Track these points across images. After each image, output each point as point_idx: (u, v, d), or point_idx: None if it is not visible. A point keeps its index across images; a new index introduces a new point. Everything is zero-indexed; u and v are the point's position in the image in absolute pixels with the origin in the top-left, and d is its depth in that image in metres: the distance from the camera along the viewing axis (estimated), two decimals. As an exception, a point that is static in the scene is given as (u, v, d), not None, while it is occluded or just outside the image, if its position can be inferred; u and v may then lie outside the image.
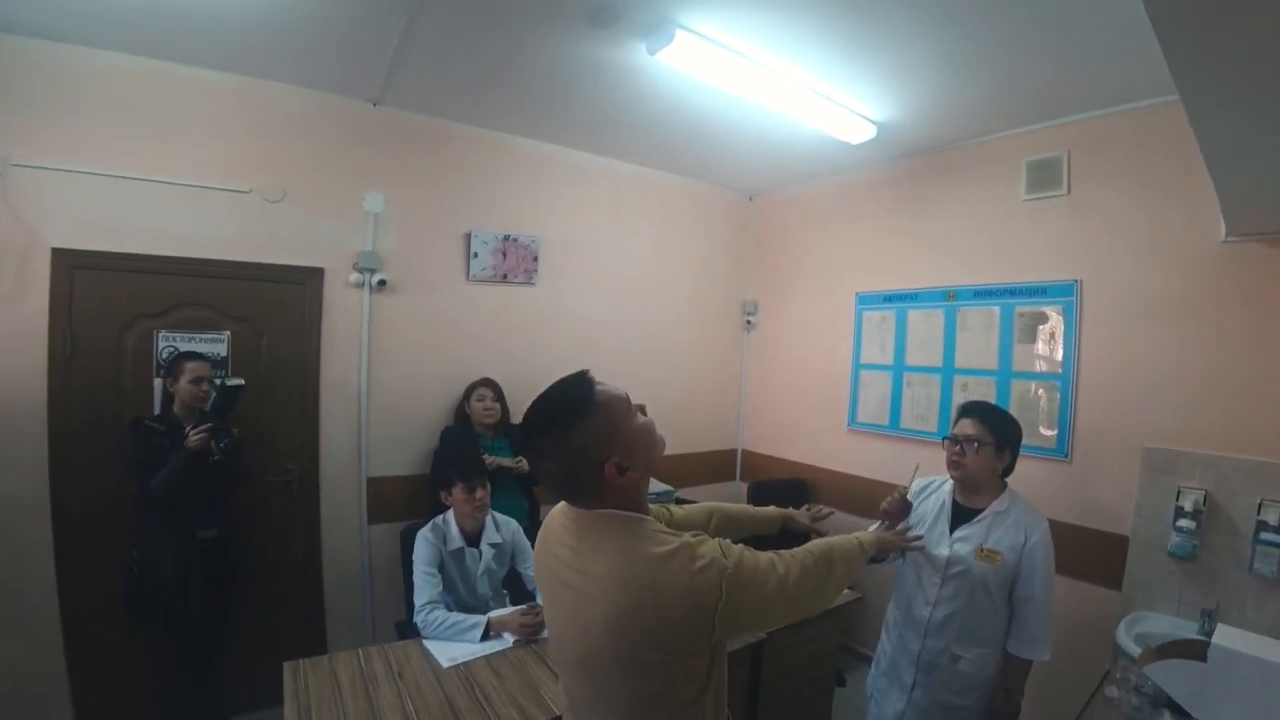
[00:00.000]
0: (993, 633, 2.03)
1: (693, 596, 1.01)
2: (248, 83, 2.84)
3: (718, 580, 1.01)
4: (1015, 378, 2.97)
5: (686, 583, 1.01)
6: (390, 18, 2.35)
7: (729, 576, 1.02)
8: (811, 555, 1.24)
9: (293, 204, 2.97)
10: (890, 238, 3.62)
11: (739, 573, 1.04)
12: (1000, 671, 2.03)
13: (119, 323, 2.67)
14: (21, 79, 2.48)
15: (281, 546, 3.00)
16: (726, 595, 1.01)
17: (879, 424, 3.58)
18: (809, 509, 1.91)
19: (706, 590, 1.01)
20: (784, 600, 1.13)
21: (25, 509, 2.52)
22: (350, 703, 1.76)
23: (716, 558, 1.04)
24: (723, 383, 4.54)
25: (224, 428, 2.41)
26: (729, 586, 1.02)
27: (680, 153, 3.76)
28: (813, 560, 1.22)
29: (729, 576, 1.02)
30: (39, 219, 2.52)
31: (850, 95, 2.82)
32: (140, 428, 2.42)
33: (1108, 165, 2.73)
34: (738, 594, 1.03)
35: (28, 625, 2.54)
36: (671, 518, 1.52)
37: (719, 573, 1.02)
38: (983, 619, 2.02)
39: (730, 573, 1.03)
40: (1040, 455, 2.84)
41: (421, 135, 3.28)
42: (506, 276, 3.53)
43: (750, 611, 1.09)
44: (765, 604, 1.10)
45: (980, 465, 2.03)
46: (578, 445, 1.06)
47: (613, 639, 1.04)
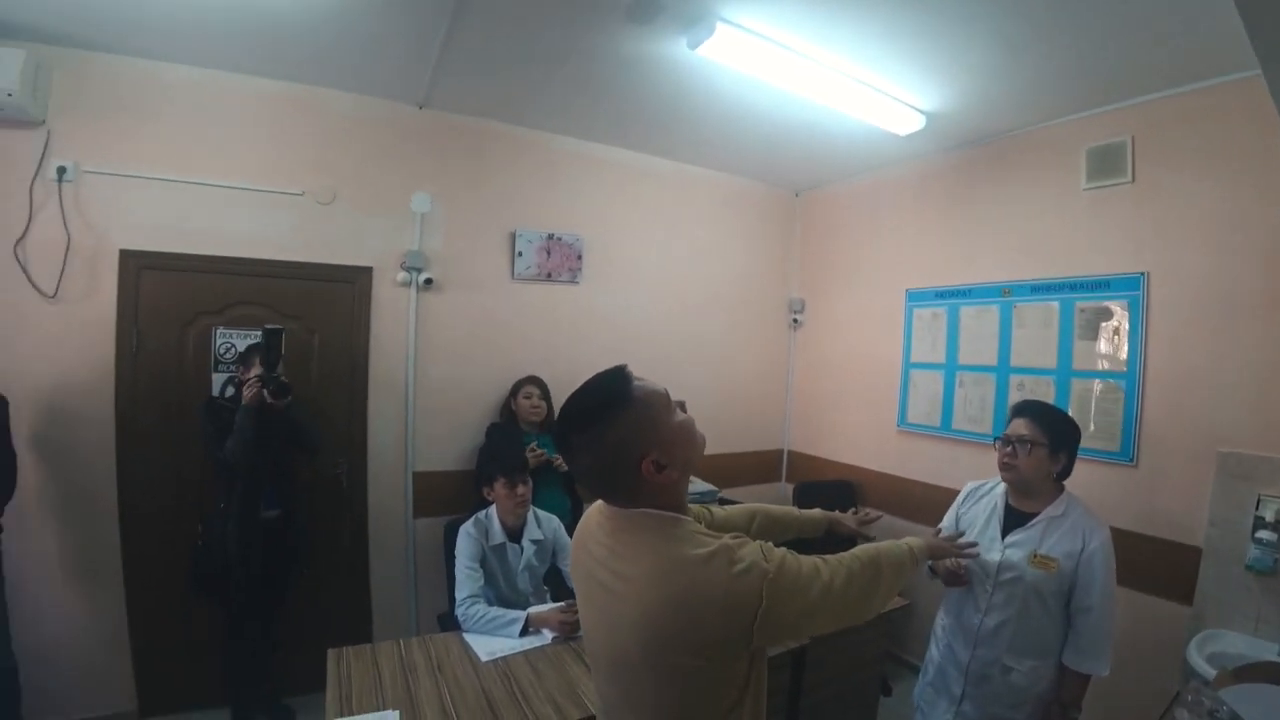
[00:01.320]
0: (1047, 644, 1.93)
1: (731, 601, 0.97)
2: (301, 90, 2.95)
3: (758, 585, 0.97)
4: (1076, 377, 2.82)
5: (724, 587, 0.97)
6: (433, 23, 2.41)
7: (770, 581, 0.97)
8: (858, 561, 1.18)
9: (343, 205, 3.07)
10: (941, 232, 3.49)
11: (780, 578, 0.99)
12: (1056, 686, 1.93)
13: (181, 320, 2.81)
14: (94, 91, 2.65)
15: (331, 536, 3.09)
16: (767, 601, 0.96)
17: (930, 425, 3.46)
18: (855, 512, 1.87)
19: (746, 595, 0.97)
20: (828, 608, 1.07)
21: (94, 489, 2.69)
22: (390, 692, 1.80)
23: (757, 561, 0.99)
24: (768, 382, 4.47)
25: (272, 376, 2.48)
26: (770, 592, 0.97)
27: (723, 149, 3.72)
28: (859, 566, 1.17)
29: (770, 581, 0.97)
30: (108, 222, 2.68)
31: (897, 85, 2.73)
32: (212, 404, 2.60)
33: (1175, 150, 2.55)
34: (779, 600, 0.98)
35: (95, 598, 2.71)
36: (713, 519, 1.50)
37: (759, 577, 0.97)
38: (1036, 629, 1.92)
39: (771, 577, 0.98)
40: (1103, 459, 2.68)
41: (466, 136, 3.34)
42: (551, 275, 3.56)
43: (792, 619, 1.03)
44: (808, 611, 1.04)
45: (1033, 468, 1.93)
46: (614, 441, 1.04)
47: (644, 642, 1.01)
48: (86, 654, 2.69)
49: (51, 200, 2.59)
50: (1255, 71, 1.38)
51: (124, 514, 2.73)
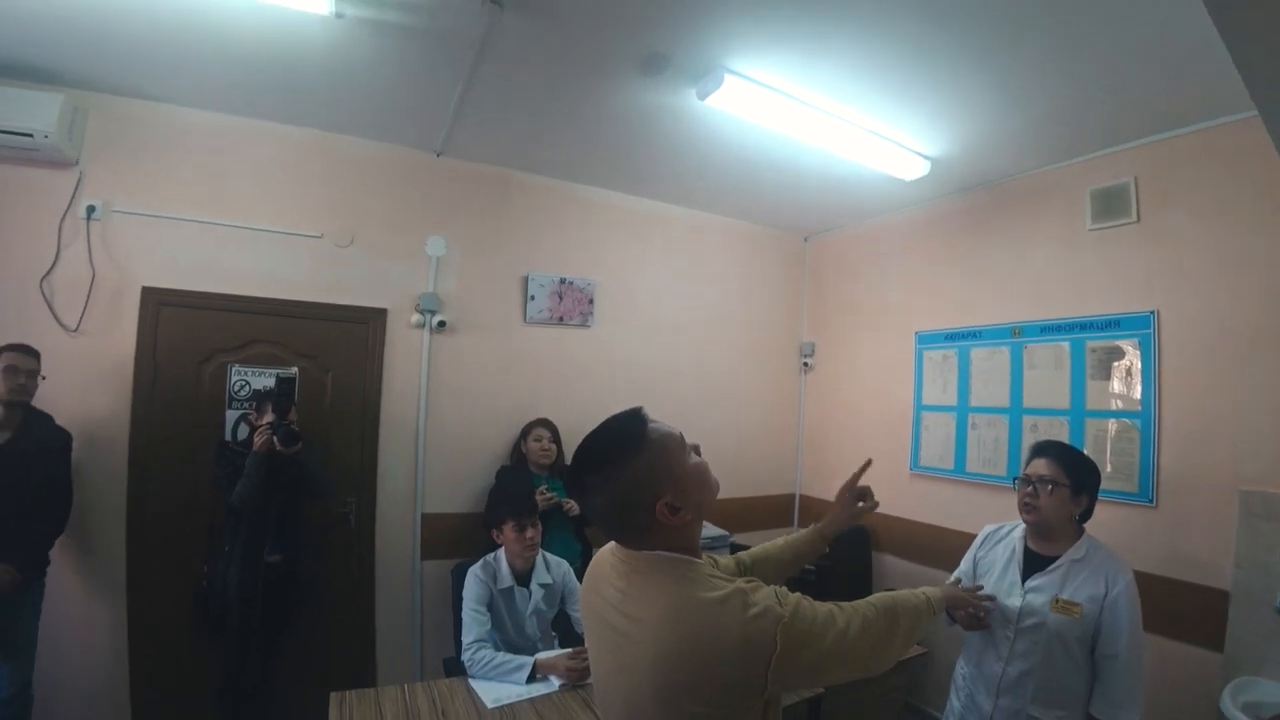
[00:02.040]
0: (1074, 694, 1.84)
1: (745, 647, 0.94)
2: (322, 136, 3.07)
3: (772, 629, 0.94)
4: (1090, 417, 2.79)
5: (738, 631, 0.94)
6: (451, 77, 2.52)
7: (784, 626, 0.95)
8: (874, 608, 1.15)
9: (360, 248, 3.15)
10: (949, 274, 3.52)
11: (795, 622, 0.97)
12: (1084, 738, 1.85)
13: (198, 356, 2.86)
14: (126, 134, 2.77)
15: (337, 577, 3.05)
16: (781, 646, 0.94)
17: (944, 468, 3.41)
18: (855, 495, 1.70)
19: (760, 640, 0.94)
20: (843, 655, 1.04)
21: (104, 521, 2.70)
22: None
23: (771, 605, 0.97)
24: (780, 426, 4.45)
25: (281, 424, 2.50)
26: (784, 637, 0.94)
27: (733, 195, 3.81)
28: (875, 614, 1.13)
29: (784, 626, 0.95)
30: (132, 259, 2.76)
31: (901, 131, 2.81)
32: (224, 448, 2.61)
33: (1180, 190, 2.60)
34: (794, 645, 0.95)
35: (98, 629, 2.68)
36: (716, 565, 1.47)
37: (774, 622, 0.95)
38: (1062, 678, 1.84)
39: (786, 621, 0.95)
40: (1122, 500, 2.64)
41: (482, 183, 3.44)
42: (563, 319, 3.60)
43: (806, 666, 1.00)
44: (823, 658, 1.01)
45: (1055, 509, 1.89)
46: (628, 483, 1.03)
47: (656, 687, 0.98)
48: (88, 685, 2.65)
49: (79, 238, 2.68)
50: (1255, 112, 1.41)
51: (130, 547, 2.72)
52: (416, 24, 2.21)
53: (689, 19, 2.11)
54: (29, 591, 2.36)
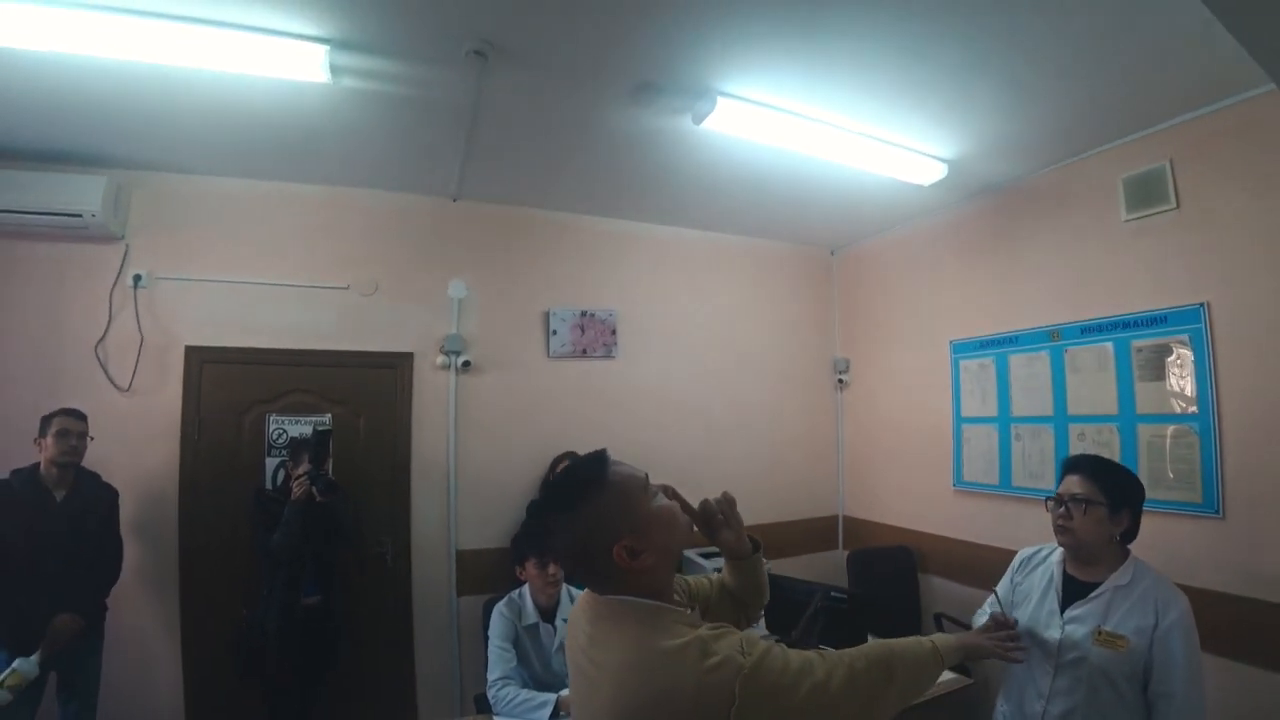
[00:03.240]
0: (1125, 736, 1.69)
1: (700, 699, 0.90)
2: (343, 192, 3.23)
3: (731, 681, 0.89)
4: (1142, 422, 2.58)
5: (695, 683, 0.90)
6: (453, 126, 2.61)
7: (745, 677, 0.90)
8: (865, 659, 1.07)
9: (384, 295, 3.28)
10: (981, 279, 3.36)
11: (759, 674, 0.91)
12: (1140, 785, 1.67)
13: (238, 408, 3.03)
14: (162, 207, 2.99)
15: (376, 615, 3.13)
16: (741, 700, 0.89)
17: (988, 483, 3.22)
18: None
19: (717, 693, 0.89)
20: (820, 710, 0.97)
21: (160, 567, 2.87)
22: None
23: (732, 655, 0.92)
24: (818, 446, 4.33)
25: (318, 474, 2.61)
26: (744, 690, 0.89)
27: (750, 215, 3.77)
28: (865, 665, 1.06)
29: (745, 677, 0.90)
30: (175, 322, 2.97)
31: (912, 137, 2.71)
32: (261, 497, 2.74)
33: (1221, 169, 2.38)
34: (756, 700, 0.90)
35: (156, 672, 2.84)
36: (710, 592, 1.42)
37: (734, 673, 0.90)
38: (1109, 718, 1.69)
39: (747, 673, 0.90)
40: (1185, 512, 2.41)
41: (498, 223, 3.53)
42: (586, 351, 3.63)
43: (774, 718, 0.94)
44: (794, 713, 0.94)
45: (1091, 530, 1.73)
46: (586, 526, 1.02)
47: None
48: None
49: (128, 305, 2.90)
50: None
51: (184, 592, 2.88)
52: (410, 84, 2.31)
53: (670, 48, 2.12)
54: (90, 637, 2.53)
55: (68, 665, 2.47)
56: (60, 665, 2.45)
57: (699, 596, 1.37)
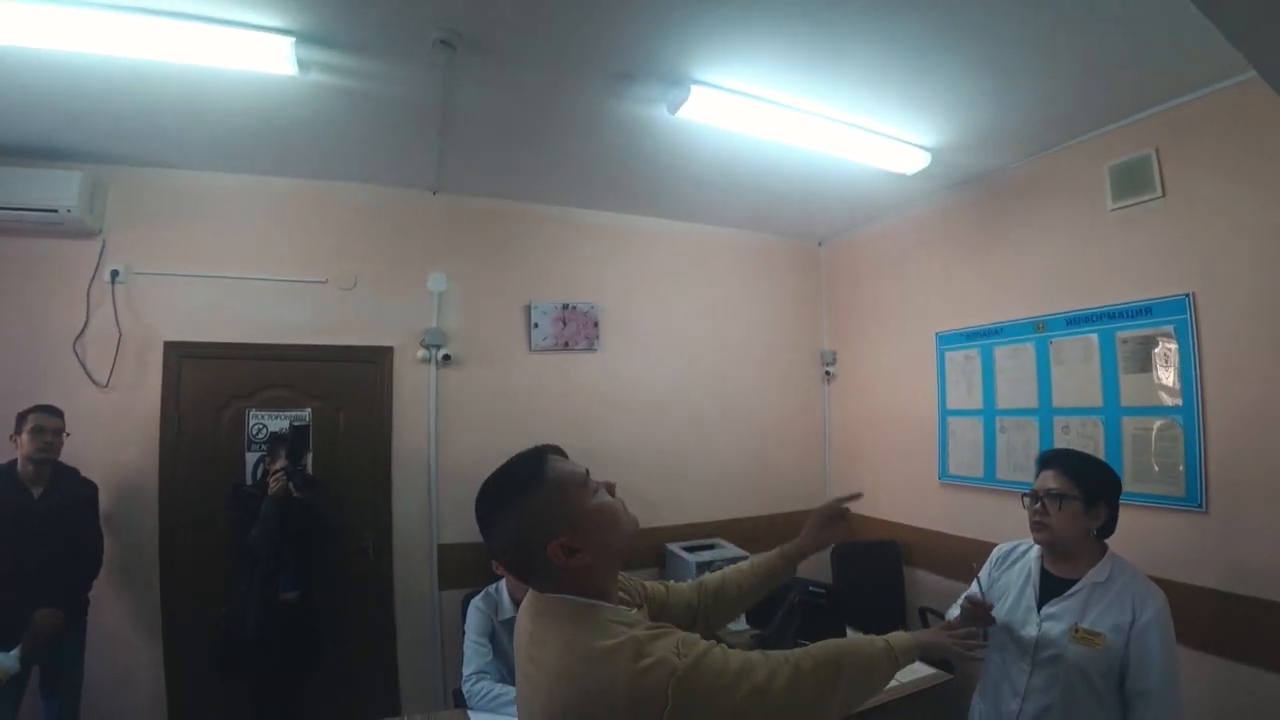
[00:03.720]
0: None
1: (632, 703, 0.87)
2: (321, 186, 3.20)
3: (664, 684, 0.87)
4: (1126, 414, 2.53)
5: (626, 686, 0.88)
6: (427, 117, 2.57)
7: (678, 680, 0.87)
8: (812, 659, 1.05)
9: (364, 289, 3.25)
10: (966, 270, 3.31)
11: (694, 676, 0.89)
12: (1116, 786, 1.65)
13: (217, 403, 3.01)
14: (142, 201, 2.97)
15: (358, 610, 3.13)
16: (674, 703, 0.86)
17: (973, 476, 3.18)
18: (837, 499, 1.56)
19: (649, 695, 0.87)
20: (760, 713, 0.94)
21: (140, 563, 2.86)
22: None
23: (666, 657, 0.89)
24: (805, 438, 4.29)
25: (295, 469, 2.61)
26: (678, 692, 0.87)
27: (734, 206, 3.72)
28: (811, 665, 1.03)
29: (678, 680, 0.87)
30: (154, 317, 2.95)
31: (893, 125, 2.66)
32: (239, 492, 2.72)
33: (1207, 157, 2.32)
34: (690, 702, 0.87)
35: (137, 667, 2.84)
36: (667, 595, 1.40)
37: (666, 675, 0.87)
38: (1085, 716, 1.64)
39: (680, 676, 0.88)
40: (1167, 506, 2.37)
41: (478, 216, 3.49)
42: (568, 344, 3.59)
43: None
44: (732, 714, 0.92)
45: (1067, 525, 1.70)
46: (521, 523, 0.99)
47: None
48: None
49: (106, 300, 2.88)
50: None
51: (164, 589, 2.88)
52: (379, 77, 2.28)
53: (641, 35, 2.08)
54: (72, 632, 2.53)
55: (50, 660, 2.48)
56: (42, 660, 2.46)
57: (654, 600, 1.35)
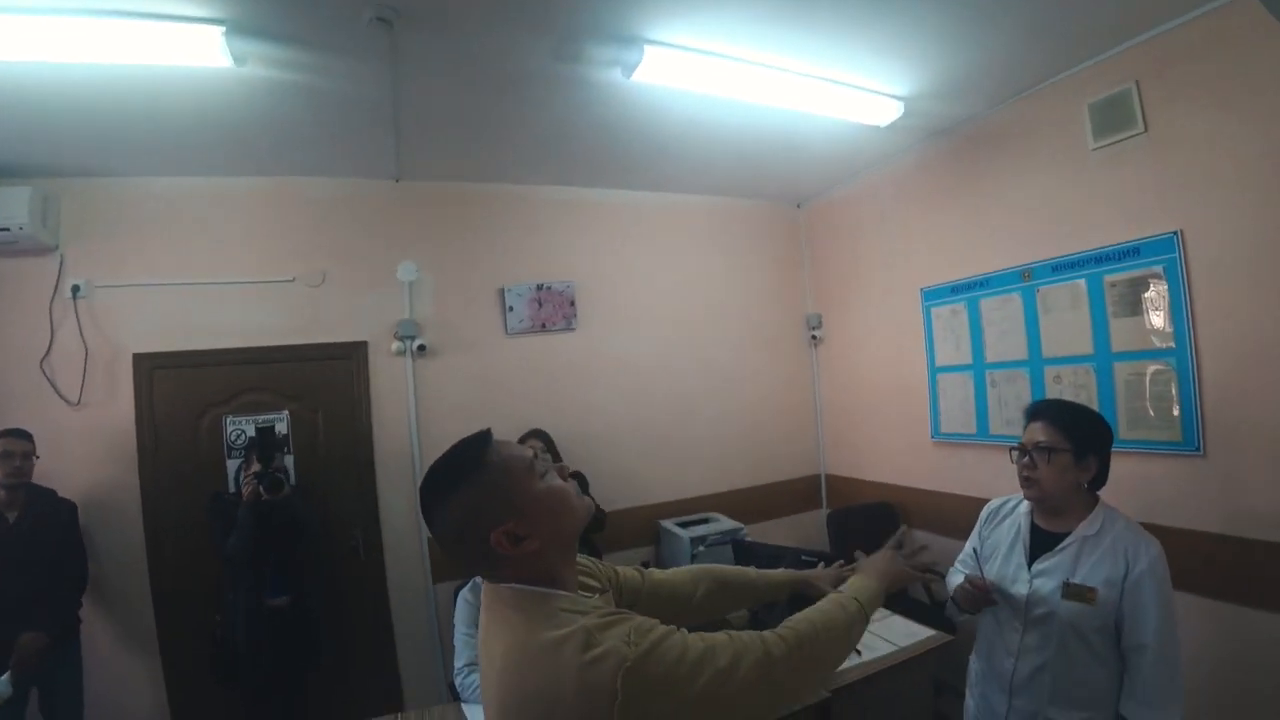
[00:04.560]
0: (1098, 692, 1.60)
1: (580, 696, 0.82)
2: (279, 182, 3.11)
3: (611, 676, 0.81)
4: (1118, 360, 2.45)
5: (573, 679, 0.83)
6: (376, 103, 2.48)
7: (627, 671, 0.82)
8: (784, 643, 0.99)
9: (332, 285, 3.18)
10: (948, 222, 3.20)
11: (646, 665, 0.83)
12: (1116, 742, 1.60)
13: (193, 412, 2.97)
14: (98, 213, 2.89)
15: (353, 609, 3.11)
16: (624, 695, 0.81)
17: (965, 433, 3.12)
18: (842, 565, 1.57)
19: (596, 689, 0.82)
20: (726, 698, 0.89)
21: (130, 578, 2.84)
22: None
23: (616, 647, 0.84)
24: (796, 405, 4.22)
25: (266, 472, 2.57)
26: (627, 684, 0.81)
27: (706, 172, 3.61)
28: (784, 649, 0.98)
29: (627, 671, 0.82)
30: (119, 330, 2.89)
31: (862, 75, 2.54)
32: (219, 499, 2.69)
33: (1190, 87, 2.20)
34: (642, 694, 0.82)
35: (138, 680, 2.84)
36: (643, 582, 1.34)
37: (615, 666, 0.82)
38: (1082, 674, 1.61)
39: (629, 666, 0.82)
40: (1164, 451, 2.30)
41: (444, 201, 3.40)
42: (545, 325, 3.52)
43: (668, 713, 0.86)
44: (692, 704, 0.86)
45: (1057, 479, 1.64)
46: (461, 511, 0.94)
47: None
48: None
49: (69, 317, 2.82)
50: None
51: (157, 601, 2.86)
52: (319, 64, 2.19)
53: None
54: (65, 653, 2.53)
55: (46, 681, 2.48)
56: (39, 682, 2.46)
57: (626, 587, 1.30)
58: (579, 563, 1.11)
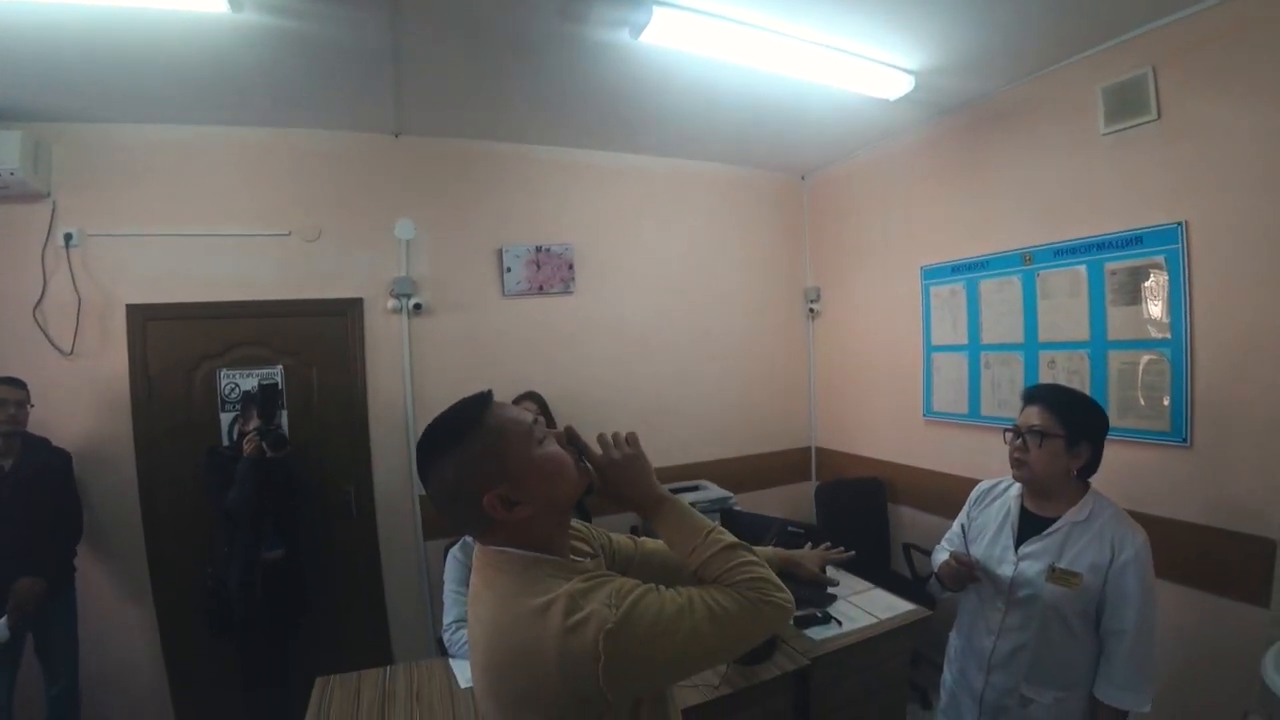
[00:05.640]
0: (1073, 672, 1.66)
1: (563, 660, 0.84)
2: (277, 134, 3.03)
3: (593, 638, 0.84)
4: (1113, 348, 2.46)
5: (556, 643, 0.85)
6: (377, 54, 2.41)
7: (608, 633, 0.84)
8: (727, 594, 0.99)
9: (329, 240, 3.13)
10: (952, 201, 3.17)
11: (627, 627, 0.86)
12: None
13: (187, 365, 2.95)
14: (91, 159, 2.82)
15: (345, 564, 3.15)
16: (607, 656, 0.83)
17: (957, 413, 3.14)
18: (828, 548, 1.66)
19: (579, 652, 0.84)
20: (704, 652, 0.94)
21: (123, 531, 2.85)
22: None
23: (597, 610, 0.86)
24: (790, 377, 4.23)
25: (268, 429, 2.59)
26: (609, 646, 0.84)
27: (711, 139, 3.54)
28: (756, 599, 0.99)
29: (608, 633, 0.84)
30: (113, 280, 2.84)
31: (874, 46, 2.48)
32: (215, 455, 2.69)
33: (1206, 75, 2.16)
34: (624, 653, 0.85)
35: (135, 631, 2.88)
36: (636, 550, 1.36)
37: (596, 628, 0.84)
38: (1059, 655, 1.66)
39: (611, 629, 0.84)
40: (1152, 441, 2.33)
41: (444, 158, 3.33)
42: (542, 288, 3.49)
43: (651, 671, 0.90)
44: (673, 659, 0.91)
45: (1047, 464, 1.67)
46: (456, 472, 0.95)
47: (491, 693, 0.93)
48: (132, 684, 2.86)
49: (61, 265, 2.77)
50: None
51: (150, 553, 2.88)
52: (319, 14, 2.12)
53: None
54: (60, 599, 2.57)
55: (42, 627, 2.52)
56: (34, 627, 2.50)
57: (619, 553, 1.32)
58: (572, 528, 1.12)
